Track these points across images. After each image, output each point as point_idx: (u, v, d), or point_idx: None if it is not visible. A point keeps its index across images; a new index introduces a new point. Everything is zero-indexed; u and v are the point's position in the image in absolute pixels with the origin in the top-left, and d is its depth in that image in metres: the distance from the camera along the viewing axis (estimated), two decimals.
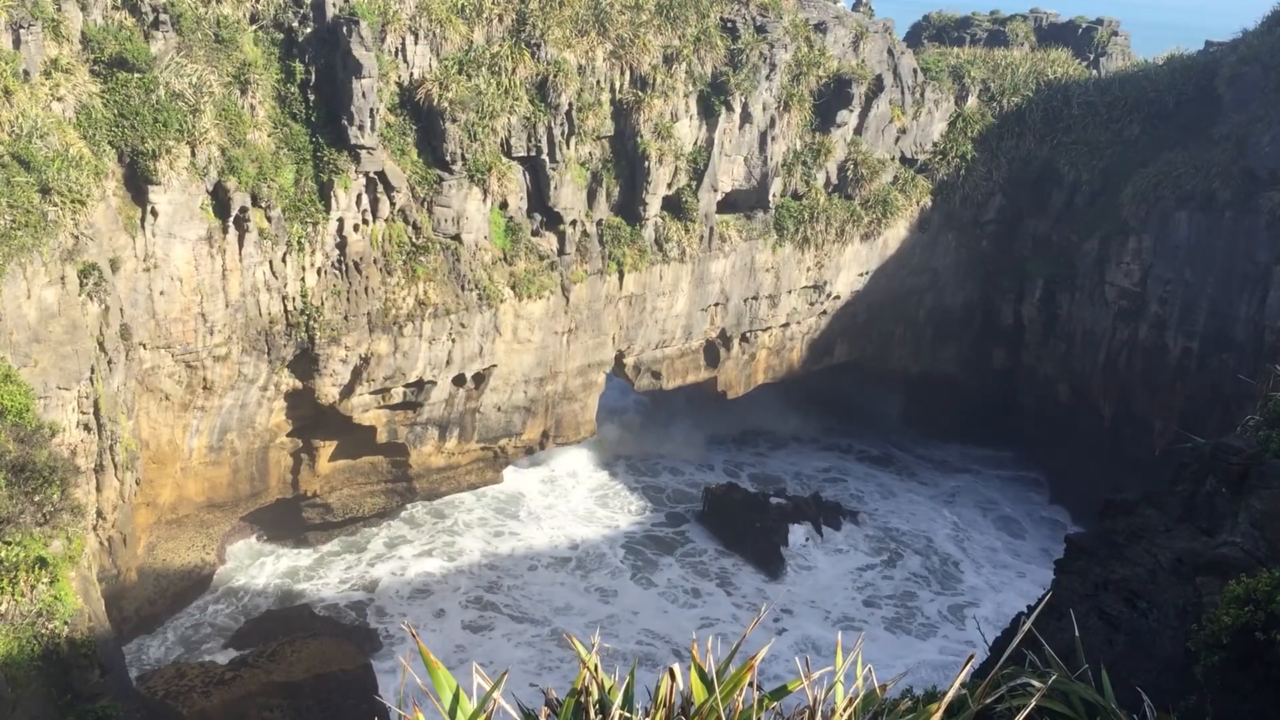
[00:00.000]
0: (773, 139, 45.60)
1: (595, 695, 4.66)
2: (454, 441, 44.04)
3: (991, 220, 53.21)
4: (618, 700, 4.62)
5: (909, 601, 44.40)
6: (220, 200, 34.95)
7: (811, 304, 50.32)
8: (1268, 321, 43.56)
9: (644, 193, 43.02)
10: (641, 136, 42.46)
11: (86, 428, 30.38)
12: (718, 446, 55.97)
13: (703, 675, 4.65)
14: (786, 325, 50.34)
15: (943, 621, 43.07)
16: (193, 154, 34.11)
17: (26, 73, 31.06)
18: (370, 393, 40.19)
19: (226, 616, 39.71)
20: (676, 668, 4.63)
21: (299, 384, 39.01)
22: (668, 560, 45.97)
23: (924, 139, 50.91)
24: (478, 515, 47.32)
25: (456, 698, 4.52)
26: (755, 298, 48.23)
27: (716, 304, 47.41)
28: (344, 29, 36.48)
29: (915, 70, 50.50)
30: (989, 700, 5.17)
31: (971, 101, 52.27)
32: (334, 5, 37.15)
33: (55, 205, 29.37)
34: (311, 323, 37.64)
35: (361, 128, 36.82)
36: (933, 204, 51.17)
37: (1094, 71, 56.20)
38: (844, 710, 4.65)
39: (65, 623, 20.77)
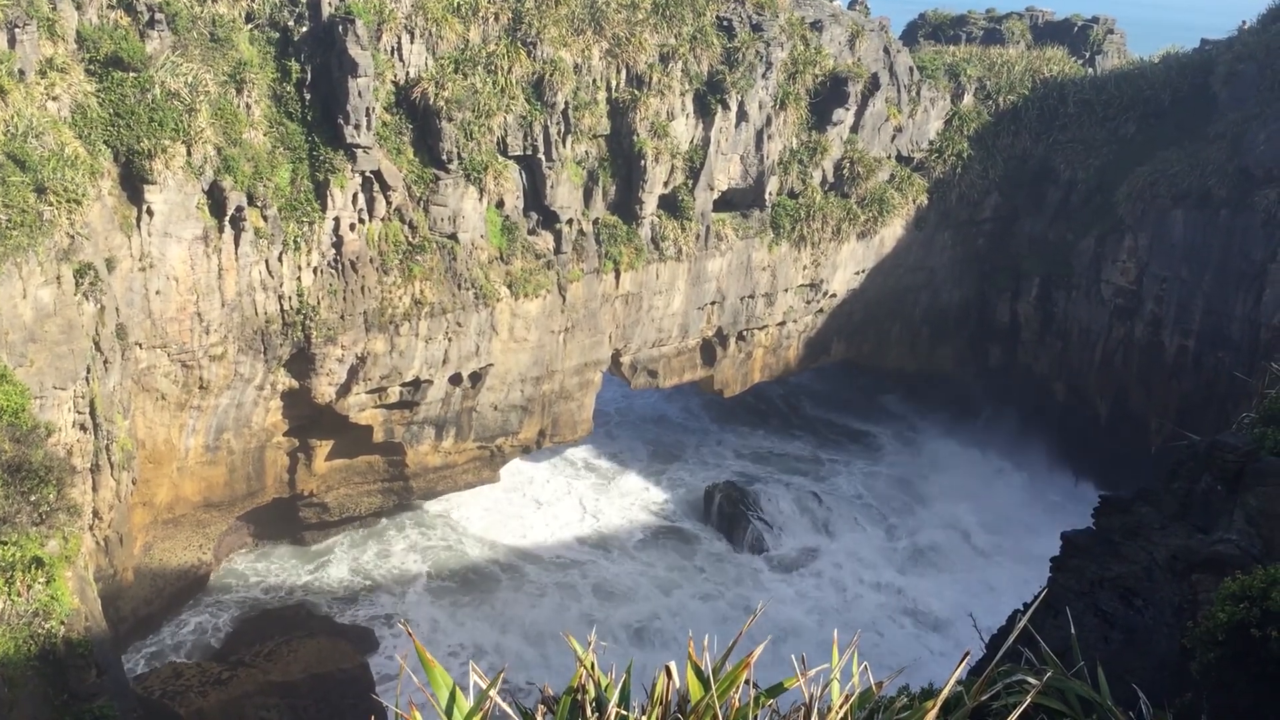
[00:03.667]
0: (769, 137, 45.59)
1: (591, 693, 4.66)
2: (450, 441, 44.02)
3: (988, 218, 53.23)
4: (614, 698, 4.62)
5: (903, 598, 44.40)
6: (216, 200, 34.89)
7: (808, 302, 50.32)
8: (1263, 319, 43.63)
9: (640, 191, 43.00)
10: (638, 135, 42.43)
11: (82, 427, 30.32)
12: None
13: (699, 673, 4.65)
14: (783, 324, 50.33)
15: (938, 618, 43.07)
16: (188, 153, 34.04)
17: (22, 72, 30.99)
18: (367, 392, 40.16)
19: (223, 616, 39.67)
20: (673, 665, 4.64)
21: (295, 383, 38.97)
22: (667, 550, 46.15)
23: (920, 137, 50.91)
24: (476, 512, 47.28)
25: (453, 696, 4.52)
26: (752, 296, 48.20)
27: (713, 302, 47.39)
28: (340, 28, 36.43)
29: (911, 68, 50.49)
30: (985, 697, 5.18)
31: (967, 100, 52.28)
32: (329, 4, 37.09)
33: (51, 205, 29.29)
34: (308, 322, 37.59)
35: (357, 127, 36.77)
36: (929, 202, 51.18)
37: (1090, 70, 56.21)
38: (840, 707, 4.65)
39: (62, 622, 20.73)
